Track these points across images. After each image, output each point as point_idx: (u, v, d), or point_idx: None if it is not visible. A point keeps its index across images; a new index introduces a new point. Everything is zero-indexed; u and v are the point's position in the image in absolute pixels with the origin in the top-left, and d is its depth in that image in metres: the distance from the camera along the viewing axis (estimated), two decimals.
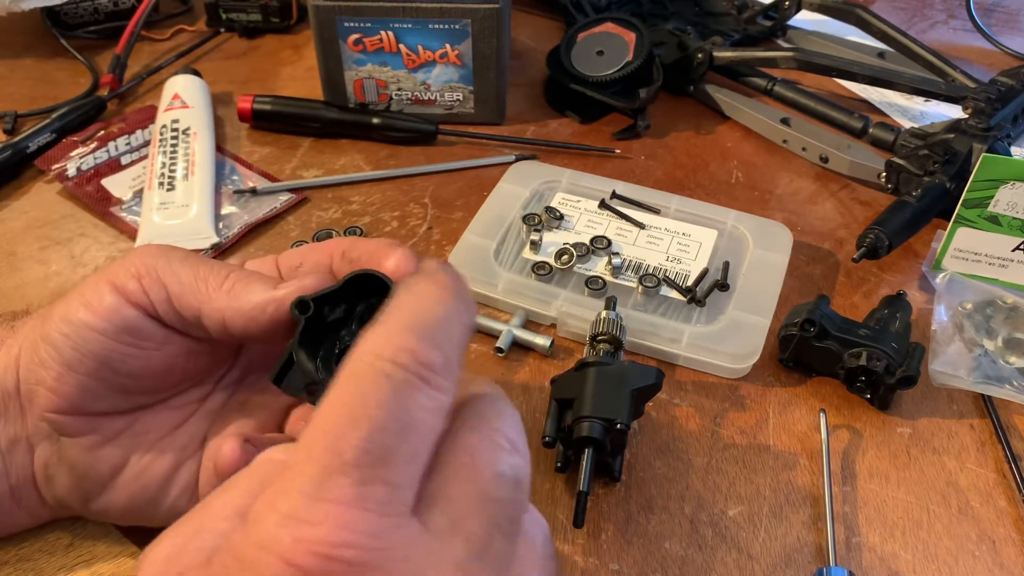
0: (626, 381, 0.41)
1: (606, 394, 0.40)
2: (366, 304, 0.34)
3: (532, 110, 0.71)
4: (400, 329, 0.25)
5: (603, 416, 0.39)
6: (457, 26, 0.63)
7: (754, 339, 0.48)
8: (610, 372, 0.41)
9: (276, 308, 0.33)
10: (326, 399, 0.24)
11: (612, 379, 0.41)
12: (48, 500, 0.37)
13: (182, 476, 0.37)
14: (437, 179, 0.64)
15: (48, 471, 0.36)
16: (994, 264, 0.54)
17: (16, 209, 0.59)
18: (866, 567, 0.40)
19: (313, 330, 0.33)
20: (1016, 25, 0.87)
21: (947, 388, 0.49)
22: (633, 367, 0.42)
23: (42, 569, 0.38)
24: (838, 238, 0.59)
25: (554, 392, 0.43)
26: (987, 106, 0.60)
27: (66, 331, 0.33)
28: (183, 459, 0.37)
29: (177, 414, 0.37)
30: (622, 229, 0.56)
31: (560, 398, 0.42)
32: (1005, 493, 0.44)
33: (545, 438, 0.41)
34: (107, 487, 0.36)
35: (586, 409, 0.40)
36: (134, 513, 0.37)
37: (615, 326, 0.45)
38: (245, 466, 0.28)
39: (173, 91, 0.66)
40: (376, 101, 0.68)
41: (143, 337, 0.34)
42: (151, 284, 0.34)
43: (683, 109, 0.73)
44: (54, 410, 0.34)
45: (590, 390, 0.40)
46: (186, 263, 0.35)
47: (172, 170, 0.60)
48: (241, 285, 0.34)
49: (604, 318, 0.46)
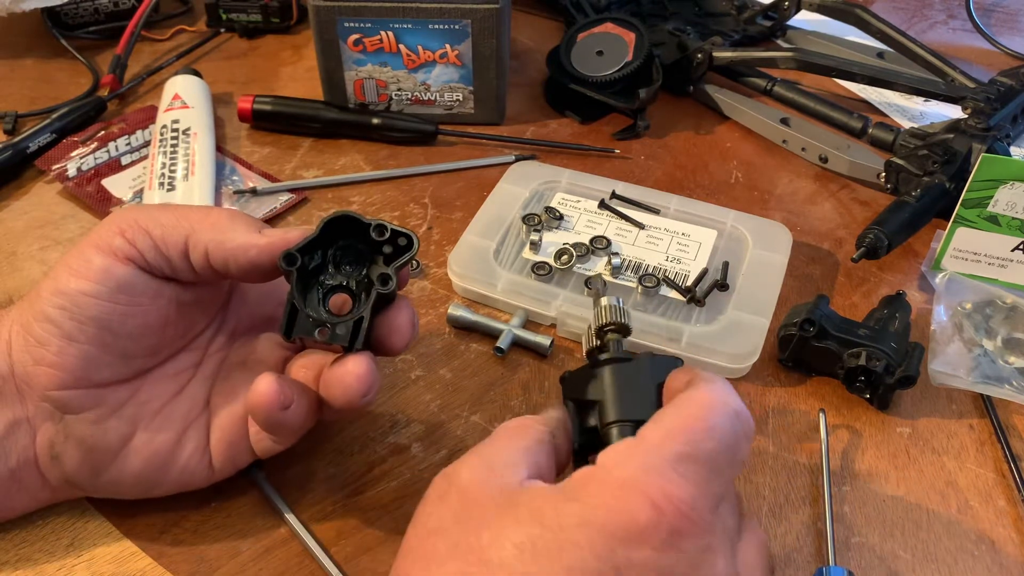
0: (649, 376, 0.37)
1: (631, 392, 0.37)
2: (336, 247, 0.37)
3: (532, 110, 0.72)
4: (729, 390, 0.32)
5: (633, 419, 0.36)
6: (457, 26, 0.63)
7: (754, 339, 0.48)
8: (630, 369, 0.38)
9: (258, 253, 0.35)
10: (683, 403, 0.31)
11: (633, 375, 0.37)
12: (52, 481, 0.37)
13: (190, 440, 0.38)
14: (437, 179, 0.64)
15: (54, 450, 0.36)
16: (993, 264, 0.54)
17: (16, 209, 0.59)
18: (866, 567, 0.40)
19: (300, 278, 0.36)
20: (1016, 25, 0.87)
21: (946, 388, 0.49)
22: (652, 360, 0.38)
23: (42, 569, 0.38)
24: (837, 238, 0.59)
25: (568, 391, 0.39)
26: (986, 106, 0.60)
27: (62, 303, 0.34)
28: (188, 423, 0.38)
29: (175, 381, 0.39)
30: (622, 229, 0.56)
31: (577, 398, 0.38)
32: (1004, 493, 0.44)
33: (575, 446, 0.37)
34: (117, 458, 0.37)
35: (613, 413, 0.36)
36: (145, 482, 0.38)
37: (620, 313, 0.41)
38: (280, 396, 0.35)
39: (173, 91, 0.66)
40: (376, 101, 0.68)
41: (136, 293, 0.35)
42: (135, 235, 0.35)
43: (683, 109, 0.73)
44: (58, 386, 0.35)
45: (613, 390, 0.37)
46: (165, 209, 0.37)
47: (172, 170, 0.60)
48: (225, 221, 0.36)
49: (607, 306, 0.41)
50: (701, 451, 0.29)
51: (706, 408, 0.31)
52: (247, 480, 0.42)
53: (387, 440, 0.45)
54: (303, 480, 0.43)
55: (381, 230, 0.37)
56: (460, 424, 0.46)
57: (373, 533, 0.41)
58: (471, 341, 0.51)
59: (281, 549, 0.40)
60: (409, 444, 0.45)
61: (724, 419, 0.30)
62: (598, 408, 0.37)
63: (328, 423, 0.45)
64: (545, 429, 0.34)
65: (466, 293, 0.53)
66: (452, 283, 0.54)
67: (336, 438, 0.45)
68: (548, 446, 0.34)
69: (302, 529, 0.40)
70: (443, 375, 0.49)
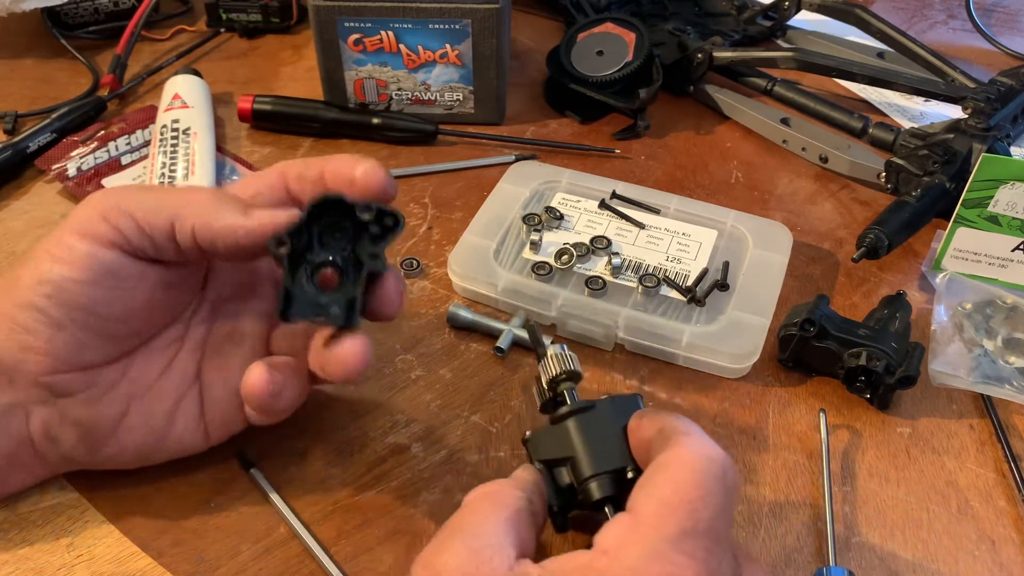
0: (613, 420, 0.36)
1: (600, 442, 0.36)
2: (320, 224, 0.37)
3: (532, 110, 0.72)
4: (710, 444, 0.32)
5: (609, 469, 0.35)
6: (457, 26, 0.63)
7: (754, 339, 0.48)
8: (593, 417, 0.37)
9: (246, 234, 0.35)
10: (670, 468, 0.31)
11: (598, 423, 0.36)
12: (51, 459, 0.38)
13: (183, 412, 0.39)
14: (437, 179, 0.64)
15: (51, 433, 0.36)
16: (994, 264, 0.54)
17: (16, 209, 0.59)
18: (866, 567, 0.40)
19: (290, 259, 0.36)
20: (1016, 25, 0.87)
21: (947, 388, 0.49)
22: (612, 402, 0.37)
23: (42, 569, 0.38)
24: (838, 238, 0.59)
25: (534, 453, 0.38)
26: (987, 106, 0.60)
27: (47, 291, 0.34)
28: (180, 395, 0.39)
29: (163, 355, 0.39)
30: (622, 229, 0.56)
31: (546, 459, 0.37)
32: (1004, 493, 0.44)
33: (552, 507, 0.36)
34: (114, 435, 0.37)
35: (588, 468, 0.35)
36: (143, 454, 0.39)
37: (569, 360, 0.40)
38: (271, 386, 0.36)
39: (173, 91, 0.66)
40: (376, 101, 0.68)
41: (121, 277, 0.35)
42: (119, 218, 0.35)
43: (683, 109, 0.73)
44: (48, 372, 0.35)
45: (582, 444, 0.36)
46: (145, 190, 0.37)
47: (172, 170, 0.60)
48: (211, 202, 0.36)
49: (555, 355, 0.40)
50: (700, 523, 0.29)
51: (695, 472, 0.30)
52: (247, 480, 0.42)
53: (387, 440, 0.45)
54: (303, 480, 0.43)
55: (368, 210, 0.36)
56: (460, 424, 0.46)
57: (373, 533, 0.41)
58: (471, 341, 0.51)
59: (281, 549, 0.40)
60: (409, 444, 0.45)
61: (715, 481, 0.30)
62: (570, 464, 0.36)
63: (329, 425, 0.45)
64: (522, 495, 0.33)
65: (466, 293, 0.53)
66: (452, 283, 0.54)
67: (336, 438, 0.45)
68: (526, 514, 0.33)
69: (302, 529, 0.40)
70: (443, 375, 0.49)
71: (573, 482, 0.36)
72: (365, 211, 0.36)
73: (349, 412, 0.46)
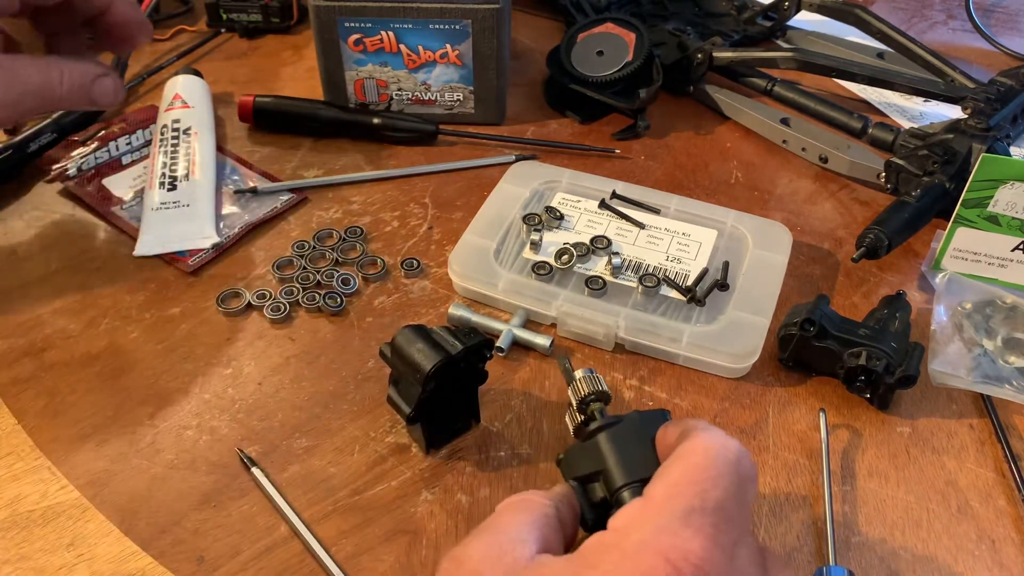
0: (642, 431, 0.37)
1: (630, 453, 0.36)
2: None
3: (532, 110, 0.72)
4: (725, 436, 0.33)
5: (640, 478, 0.35)
6: (457, 26, 0.63)
7: (754, 339, 0.48)
8: (622, 430, 0.37)
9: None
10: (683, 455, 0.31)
11: (628, 435, 0.37)
12: None
13: None
14: (437, 179, 0.64)
15: None
16: (993, 264, 0.54)
17: (17, 209, 0.59)
18: (866, 566, 0.40)
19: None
20: (1016, 25, 0.87)
21: (946, 388, 0.49)
22: (640, 416, 0.38)
23: (43, 568, 0.38)
24: (838, 238, 0.60)
25: (567, 472, 0.38)
26: (986, 106, 0.60)
27: None
28: None
29: None
30: (622, 229, 0.56)
31: (579, 476, 0.37)
32: (1004, 493, 0.44)
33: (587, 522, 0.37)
34: None
35: (619, 478, 0.36)
36: None
37: (597, 382, 0.41)
38: None
39: (174, 91, 0.66)
40: (376, 101, 0.68)
41: None
42: None
43: (683, 109, 0.73)
44: None
45: (613, 455, 0.37)
46: None
47: (173, 170, 0.60)
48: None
49: (583, 378, 0.42)
50: (709, 501, 0.29)
51: (707, 456, 0.31)
52: (248, 479, 0.42)
53: (387, 440, 0.45)
54: (303, 480, 0.43)
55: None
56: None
57: (373, 533, 0.41)
58: None
59: (281, 549, 0.40)
60: (409, 444, 0.45)
61: (726, 465, 0.31)
62: (602, 477, 0.36)
63: (329, 425, 0.45)
64: (549, 503, 0.34)
65: (466, 293, 0.54)
66: (452, 283, 0.54)
67: (336, 438, 0.45)
68: (554, 520, 0.34)
69: (303, 528, 0.40)
70: None
71: (606, 495, 0.36)
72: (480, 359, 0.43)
73: (349, 412, 0.46)
